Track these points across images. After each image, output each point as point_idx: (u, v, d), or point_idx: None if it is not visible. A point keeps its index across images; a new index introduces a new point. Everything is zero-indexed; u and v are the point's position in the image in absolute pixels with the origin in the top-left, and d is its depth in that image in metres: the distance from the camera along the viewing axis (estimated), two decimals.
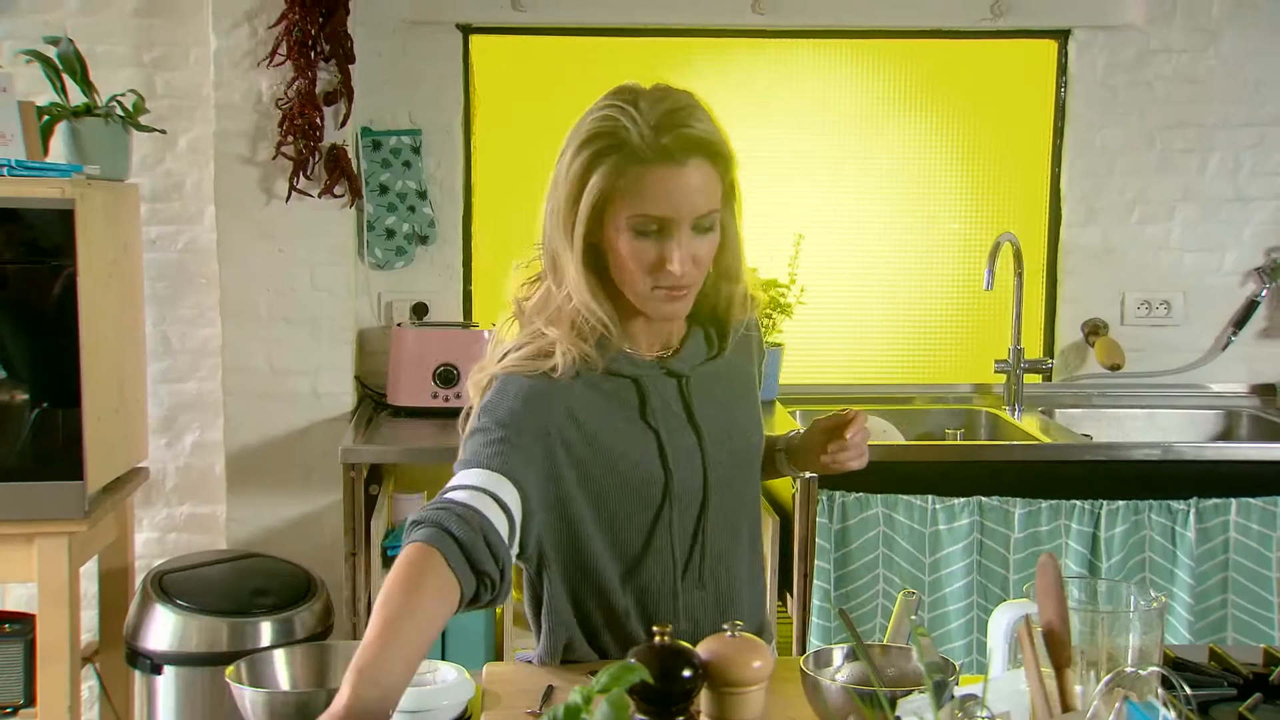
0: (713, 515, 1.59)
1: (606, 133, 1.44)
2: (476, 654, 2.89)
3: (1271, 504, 2.83)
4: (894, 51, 3.44)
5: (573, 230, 1.46)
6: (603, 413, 1.53)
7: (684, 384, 1.59)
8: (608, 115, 1.45)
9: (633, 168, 1.43)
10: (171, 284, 3.31)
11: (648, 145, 1.43)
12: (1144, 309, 3.51)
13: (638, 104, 1.45)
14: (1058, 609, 1.24)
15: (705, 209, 1.46)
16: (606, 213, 1.46)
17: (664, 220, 1.44)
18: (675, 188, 1.43)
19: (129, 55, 3.22)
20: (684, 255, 1.45)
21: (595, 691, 1.05)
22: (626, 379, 1.55)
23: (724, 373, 1.65)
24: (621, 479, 1.53)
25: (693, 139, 1.44)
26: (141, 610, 2.73)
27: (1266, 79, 3.44)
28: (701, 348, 1.62)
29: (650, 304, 1.50)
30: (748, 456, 1.67)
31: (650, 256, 1.45)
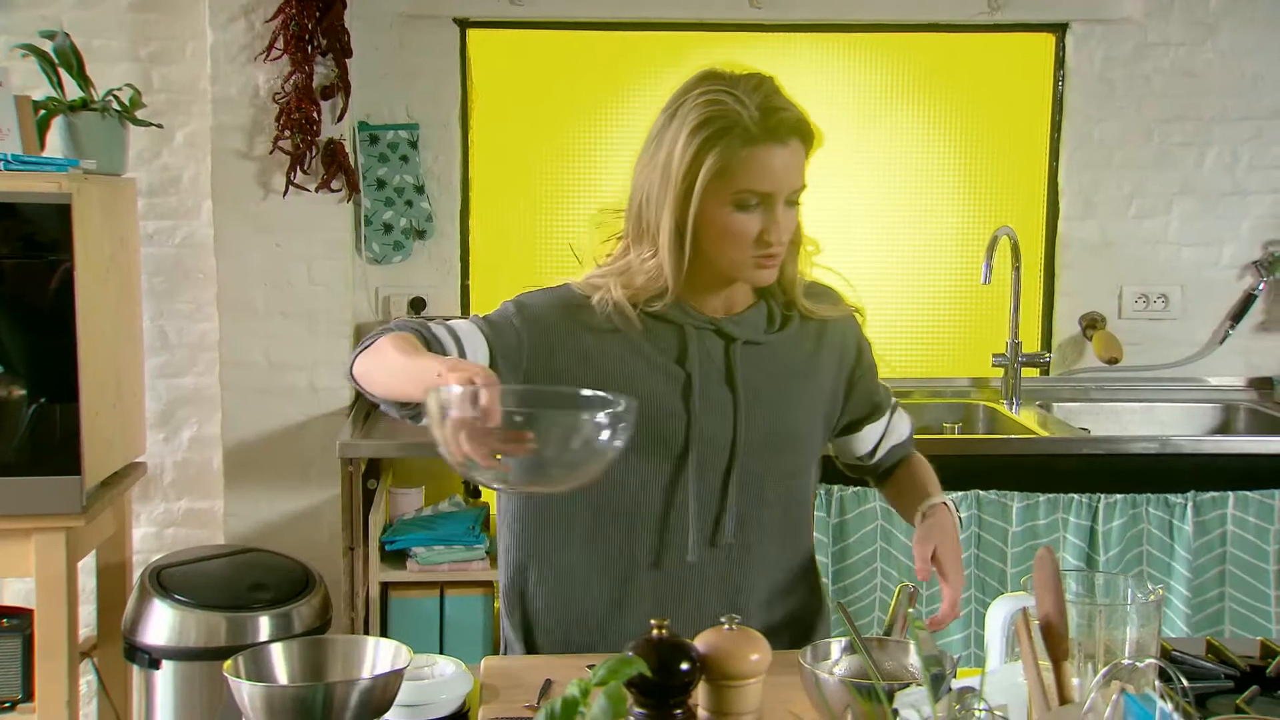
0: (737, 475, 1.65)
1: (719, 116, 1.55)
2: (475, 648, 2.89)
3: (1269, 497, 2.83)
4: (891, 45, 3.44)
5: (680, 205, 1.57)
6: (629, 349, 1.63)
7: (731, 346, 1.66)
8: (716, 100, 1.56)
9: (744, 148, 1.55)
10: (169, 279, 3.31)
11: (757, 127, 1.54)
12: (1142, 302, 3.51)
13: (737, 90, 1.56)
14: (1055, 602, 1.24)
15: (799, 185, 1.60)
16: (710, 189, 1.57)
17: (766, 195, 1.57)
18: (778, 166, 1.56)
19: (125, 49, 3.21)
20: (785, 226, 1.59)
21: (593, 685, 1.05)
22: (673, 324, 1.65)
23: (789, 356, 1.71)
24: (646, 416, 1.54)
25: (792, 121, 1.57)
26: (140, 605, 2.73)
27: (1264, 72, 3.44)
28: (762, 320, 1.70)
29: (745, 271, 1.62)
30: (786, 437, 1.69)
31: (752, 228, 1.58)
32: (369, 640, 1.46)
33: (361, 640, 1.47)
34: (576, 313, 1.64)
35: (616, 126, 3.44)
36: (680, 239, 1.59)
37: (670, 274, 1.60)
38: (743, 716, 1.32)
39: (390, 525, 3.01)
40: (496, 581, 2.90)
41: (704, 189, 1.56)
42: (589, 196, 3.45)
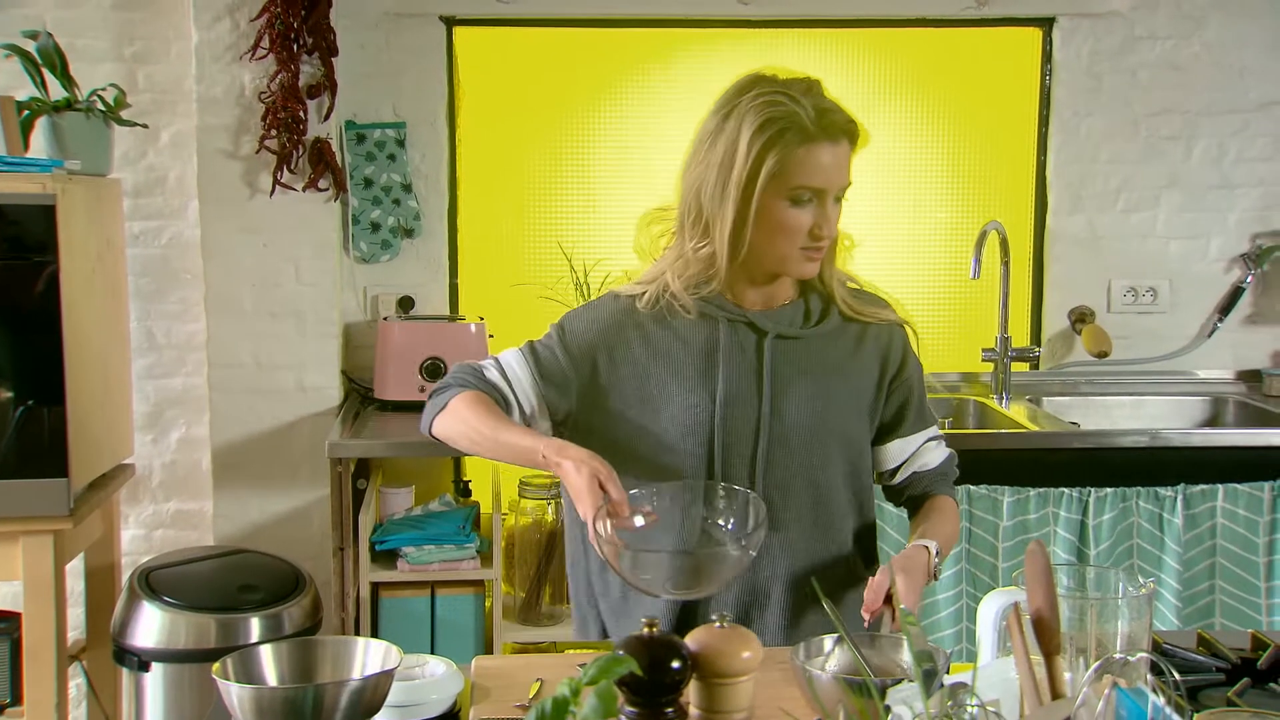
0: (760, 466, 1.71)
1: (782, 117, 1.64)
2: (466, 647, 2.88)
3: (1258, 489, 2.84)
4: (879, 41, 3.44)
5: (750, 200, 1.65)
6: (670, 342, 1.73)
7: (763, 340, 1.73)
8: (775, 101, 1.64)
9: (801, 146, 1.64)
10: (155, 279, 3.29)
11: (816, 126, 1.64)
12: (1130, 296, 3.52)
13: (790, 93, 1.66)
14: (1046, 596, 1.24)
15: (846, 182, 1.70)
16: (768, 186, 1.65)
17: (819, 191, 1.67)
18: (831, 163, 1.66)
19: (109, 49, 3.20)
20: (834, 220, 1.70)
21: (583, 684, 1.05)
22: (710, 318, 1.73)
23: (826, 351, 1.77)
24: (671, 402, 1.71)
25: (844, 121, 1.67)
26: (128, 607, 2.72)
27: (1250, 65, 3.45)
28: (799, 316, 1.77)
29: (793, 264, 1.71)
30: (815, 429, 1.74)
31: (804, 223, 1.67)
32: (359, 641, 1.46)
33: (351, 641, 1.46)
34: (622, 319, 1.76)
35: (604, 124, 3.43)
36: (739, 232, 1.67)
37: (724, 263, 1.69)
38: (734, 714, 1.31)
39: (380, 525, 3.01)
40: (489, 581, 2.91)
41: (764, 185, 1.65)
42: (577, 194, 3.45)
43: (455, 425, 1.70)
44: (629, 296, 1.77)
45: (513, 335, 3.35)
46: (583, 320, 1.78)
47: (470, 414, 1.67)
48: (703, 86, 3.42)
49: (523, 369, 1.75)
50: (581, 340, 1.75)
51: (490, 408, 1.69)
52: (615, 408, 1.74)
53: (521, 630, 2.97)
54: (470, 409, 1.68)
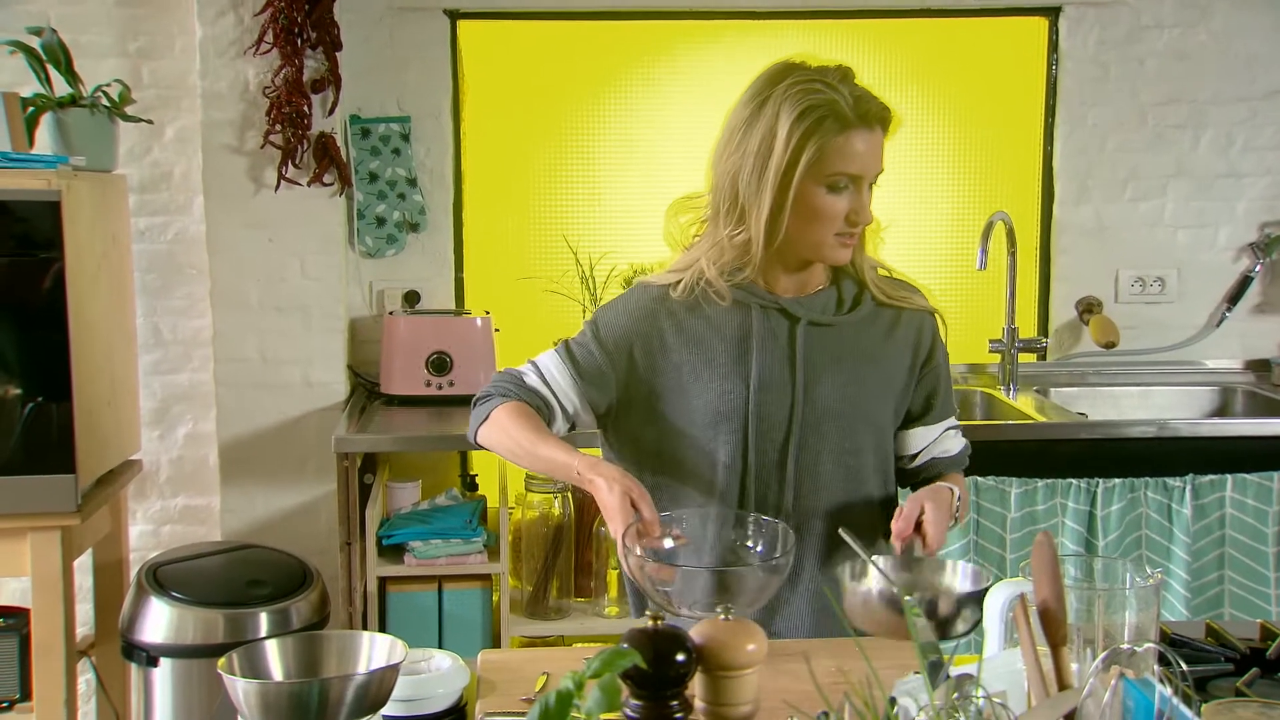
0: (793, 451, 1.74)
1: (821, 105, 1.65)
2: (474, 641, 2.88)
3: (1267, 479, 2.83)
4: (884, 32, 3.43)
5: (789, 187, 1.67)
6: (703, 330, 1.75)
7: (795, 326, 1.75)
8: (813, 89, 1.66)
9: (839, 133, 1.66)
10: (161, 275, 3.29)
11: (854, 113, 1.66)
12: (1138, 286, 3.50)
13: (827, 80, 1.67)
14: (1053, 587, 1.24)
15: (880, 169, 1.73)
16: (806, 172, 1.67)
17: (855, 177, 1.69)
18: (867, 150, 1.68)
19: (113, 45, 3.20)
20: (868, 206, 1.72)
21: (587, 677, 1.04)
22: (742, 305, 1.75)
23: (858, 337, 1.79)
24: (705, 389, 1.73)
25: (879, 108, 1.69)
26: (136, 603, 2.72)
27: (1258, 54, 3.43)
28: (831, 302, 1.79)
29: (827, 250, 1.73)
30: (846, 415, 1.76)
31: (840, 209, 1.69)
32: (364, 635, 1.45)
33: (357, 635, 1.46)
34: (654, 308, 1.77)
35: (609, 117, 3.43)
36: (776, 218, 1.69)
37: (759, 249, 1.71)
38: (740, 707, 1.31)
39: (387, 519, 3.01)
40: (496, 575, 2.91)
41: (803, 172, 1.66)
42: (582, 187, 3.44)
43: (497, 435, 1.73)
44: (661, 286, 1.78)
45: (519, 328, 3.37)
46: (615, 313, 1.79)
47: (511, 425, 1.70)
48: (707, 79, 3.44)
49: (561, 371, 1.77)
50: (615, 333, 1.77)
51: (530, 418, 1.71)
52: (652, 397, 1.76)
53: (529, 624, 2.97)
54: (511, 420, 1.71)
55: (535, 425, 1.70)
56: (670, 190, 3.40)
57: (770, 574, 1.52)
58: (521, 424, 1.70)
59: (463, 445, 3.18)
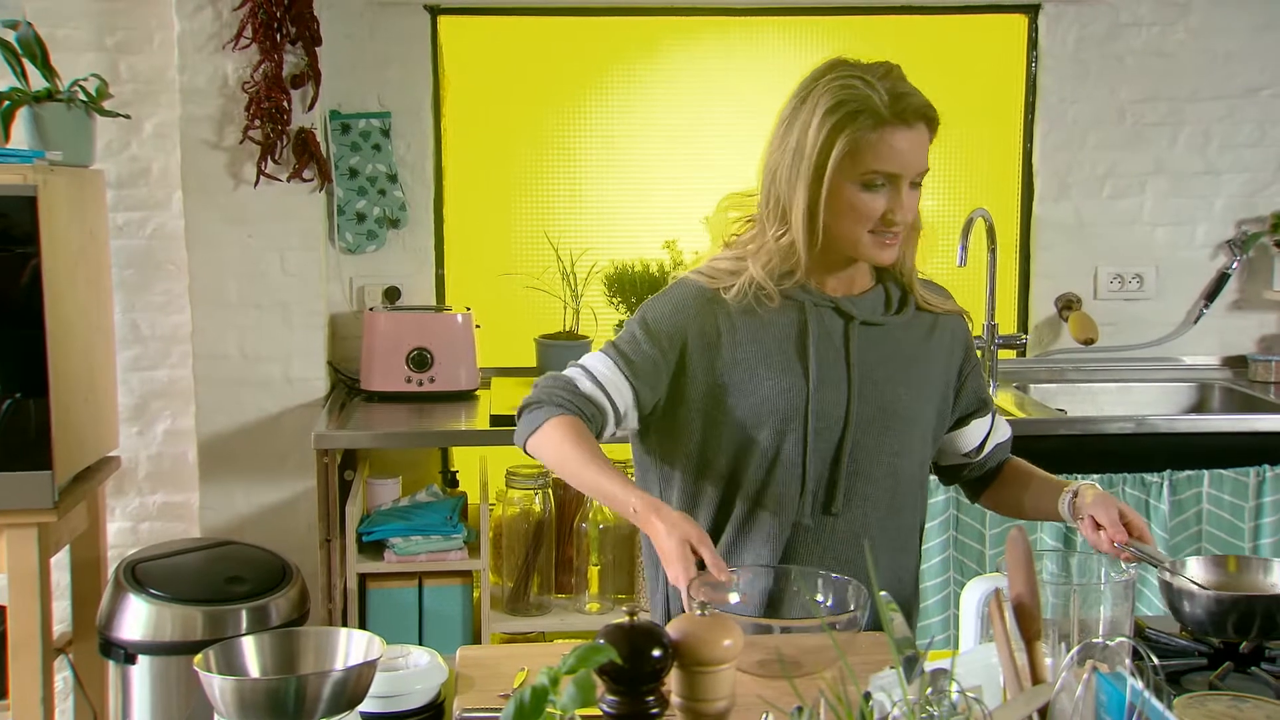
0: (848, 450, 1.72)
1: (853, 100, 1.63)
2: (454, 638, 2.88)
3: (1243, 475, 2.85)
4: (863, 28, 3.43)
5: (819, 185, 1.65)
6: (757, 329, 1.72)
7: (850, 325, 1.74)
8: (848, 84, 1.64)
9: (874, 130, 1.63)
10: (140, 271, 3.28)
11: (889, 110, 1.63)
12: (1117, 283, 3.52)
13: (867, 73, 1.65)
14: (1027, 582, 1.24)
15: (923, 168, 1.69)
16: (840, 168, 1.65)
17: (892, 176, 1.65)
18: (905, 148, 1.65)
19: (91, 39, 3.18)
20: (909, 206, 1.68)
21: (563, 673, 1.04)
22: (796, 303, 1.73)
23: (906, 340, 1.78)
24: (764, 385, 1.70)
25: (920, 106, 1.67)
26: (114, 600, 2.71)
27: (1235, 52, 3.45)
28: (880, 303, 1.78)
29: (865, 249, 1.69)
30: (895, 414, 1.75)
31: (876, 207, 1.66)
32: (342, 632, 1.45)
33: (335, 632, 1.45)
34: (706, 306, 1.73)
35: (590, 113, 3.42)
36: (813, 216, 1.67)
37: (803, 250, 1.69)
38: (716, 702, 1.31)
39: (367, 516, 3.00)
40: (477, 571, 2.91)
41: (835, 168, 1.64)
42: (563, 184, 3.44)
43: (548, 449, 1.67)
44: (710, 287, 1.73)
45: (500, 324, 3.37)
46: (666, 308, 1.74)
47: (564, 441, 1.64)
48: (687, 76, 3.44)
49: (613, 371, 1.71)
50: (669, 327, 1.72)
51: (584, 437, 1.65)
52: (707, 395, 1.72)
53: (509, 620, 2.97)
54: (564, 436, 1.65)
55: (590, 446, 1.64)
56: (652, 186, 3.45)
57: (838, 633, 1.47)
58: (575, 442, 1.64)
59: (443, 441, 3.17)
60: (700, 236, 3.18)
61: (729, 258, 1.75)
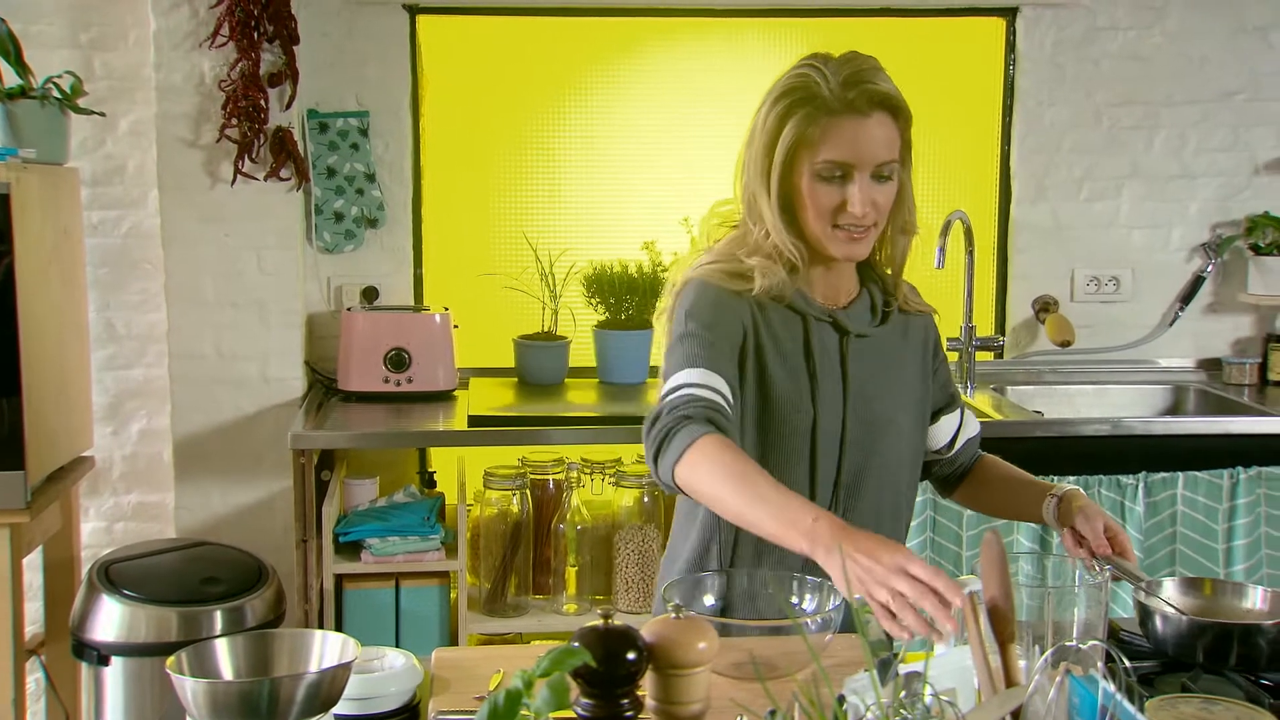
0: (847, 466, 1.70)
1: (799, 87, 1.61)
2: (431, 639, 2.87)
3: (1217, 477, 2.87)
4: (843, 30, 3.43)
5: (769, 175, 1.63)
6: (773, 338, 1.68)
7: (845, 341, 1.71)
8: (801, 74, 1.63)
9: (822, 118, 1.60)
10: (115, 269, 3.25)
11: (836, 98, 1.60)
12: (1093, 285, 3.54)
13: (827, 64, 1.62)
14: (1001, 585, 1.25)
15: (885, 158, 1.63)
16: (796, 160, 1.62)
17: (846, 166, 1.61)
18: (858, 137, 1.60)
19: (65, 36, 3.15)
20: (864, 198, 1.61)
21: (536, 676, 1.04)
22: (798, 315, 1.69)
23: (887, 347, 1.76)
24: (780, 399, 1.67)
25: (877, 94, 1.62)
26: (88, 601, 2.68)
27: (1210, 56, 3.47)
28: (868, 312, 1.75)
29: (831, 244, 1.65)
30: (884, 427, 1.73)
31: (833, 200, 1.62)
32: (317, 634, 1.45)
33: (309, 634, 1.45)
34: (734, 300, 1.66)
35: (569, 113, 3.42)
36: (781, 210, 1.64)
37: (787, 246, 1.64)
38: (690, 705, 1.31)
39: (344, 516, 2.99)
40: (454, 572, 2.90)
41: (787, 158, 1.61)
42: (542, 184, 3.43)
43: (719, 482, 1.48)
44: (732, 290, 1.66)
45: (478, 325, 3.36)
46: (707, 300, 1.65)
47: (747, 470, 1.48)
48: (667, 76, 3.44)
49: (708, 376, 1.59)
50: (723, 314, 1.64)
51: (759, 470, 1.49)
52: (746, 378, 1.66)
53: (487, 621, 2.96)
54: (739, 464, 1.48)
55: (771, 482, 1.47)
56: (631, 187, 3.45)
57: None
58: (751, 474, 1.47)
59: (420, 442, 3.17)
60: (679, 238, 3.18)
61: (722, 259, 1.69)
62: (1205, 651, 1.50)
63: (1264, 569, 2.91)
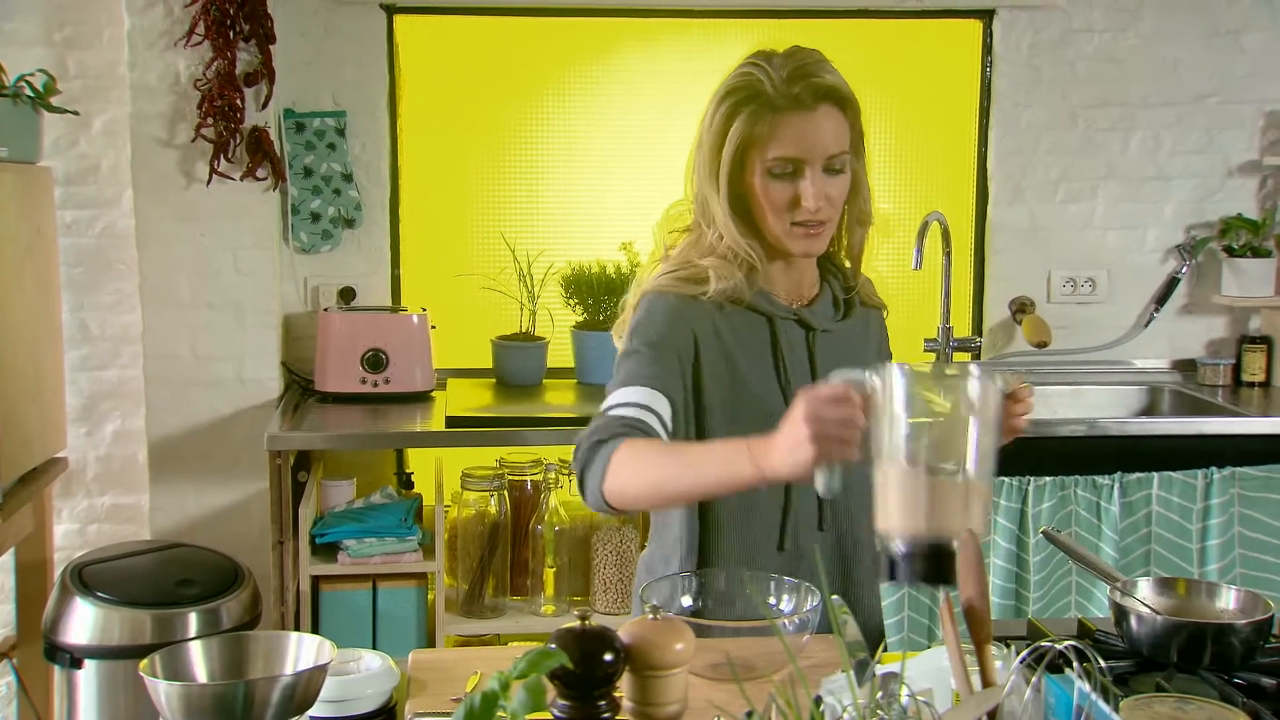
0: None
1: (744, 85, 1.60)
2: (408, 641, 2.86)
3: (1191, 477, 2.89)
4: (820, 32, 3.44)
5: (718, 175, 1.63)
6: (739, 340, 1.67)
7: (811, 337, 1.71)
8: (745, 71, 1.61)
9: (768, 115, 1.59)
10: (89, 269, 3.23)
11: (780, 94, 1.59)
12: (1069, 287, 3.56)
13: (771, 60, 1.61)
14: (977, 585, 1.25)
15: (835, 150, 1.62)
16: (747, 159, 1.62)
17: (797, 161, 1.60)
18: (806, 131, 1.59)
19: (38, 34, 3.13)
20: (817, 192, 1.61)
21: (513, 677, 1.04)
22: (763, 316, 1.68)
23: (850, 339, 1.76)
24: (750, 403, 1.66)
25: (822, 87, 1.60)
26: (61, 603, 2.66)
27: (1184, 59, 3.49)
28: (830, 306, 1.75)
29: (790, 241, 1.64)
30: None
31: (786, 196, 1.61)
32: (292, 636, 1.44)
33: (285, 636, 1.44)
34: (688, 309, 1.64)
35: (547, 114, 3.41)
36: (734, 211, 1.63)
37: (741, 247, 1.63)
38: (667, 707, 1.31)
39: (321, 518, 2.97)
40: (432, 573, 2.89)
41: (737, 157, 1.61)
42: (520, 185, 3.43)
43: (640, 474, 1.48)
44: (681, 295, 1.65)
45: (456, 326, 3.35)
46: (657, 314, 1.65)
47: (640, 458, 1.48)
48: (646, 77, 3.44)
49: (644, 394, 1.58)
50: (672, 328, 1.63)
51: (651, 443, 1.51)
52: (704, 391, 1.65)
53: (464, 623, 2.95)
54: (631, 455, 1.48)
55: (662, 445, 1.50)
56: (610, 188, 3.44)
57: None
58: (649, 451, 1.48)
59: (398, 443, 3.15)
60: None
61: (678, 264, 1.68)
62: (1180, 651, 1.51)
63: (1237, 569, 2.93)
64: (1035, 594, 2.86)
